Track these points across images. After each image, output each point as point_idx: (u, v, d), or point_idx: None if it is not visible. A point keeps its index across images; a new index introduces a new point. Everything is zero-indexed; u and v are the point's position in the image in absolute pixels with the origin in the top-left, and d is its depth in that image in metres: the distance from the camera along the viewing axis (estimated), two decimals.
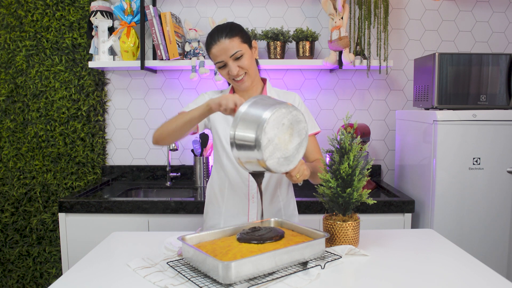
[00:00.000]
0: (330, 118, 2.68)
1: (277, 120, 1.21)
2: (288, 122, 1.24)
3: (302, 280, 1.13)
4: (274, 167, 1.23)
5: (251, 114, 1.21)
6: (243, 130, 1.21)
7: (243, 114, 1.23)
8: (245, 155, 1.22)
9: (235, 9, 2.63)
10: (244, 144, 1.21)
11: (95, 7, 2.46)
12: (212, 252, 1.18)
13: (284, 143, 1.25)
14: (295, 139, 1.27)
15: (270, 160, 1.21)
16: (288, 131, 1.25)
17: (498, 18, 2.65)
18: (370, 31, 2.43)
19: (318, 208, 2.12)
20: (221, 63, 1.52)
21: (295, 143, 1.28)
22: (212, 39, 1.51)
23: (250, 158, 1.22)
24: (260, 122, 1.18)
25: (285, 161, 1.27)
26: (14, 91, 2.64)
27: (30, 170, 2.67)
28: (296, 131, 1.27)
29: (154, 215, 2.14)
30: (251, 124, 1.20)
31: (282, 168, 1.27)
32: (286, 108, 1.23)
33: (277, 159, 1.23)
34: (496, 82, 2.13)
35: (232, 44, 1.49)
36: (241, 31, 1.54)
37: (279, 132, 1.22)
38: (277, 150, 1.23)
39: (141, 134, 2.71)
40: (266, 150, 1.19)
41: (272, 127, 1.20)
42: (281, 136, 1.23)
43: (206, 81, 2.66)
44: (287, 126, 1.24)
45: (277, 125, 1.21)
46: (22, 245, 2.69)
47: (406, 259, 1.31)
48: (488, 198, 2.07)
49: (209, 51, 1.54)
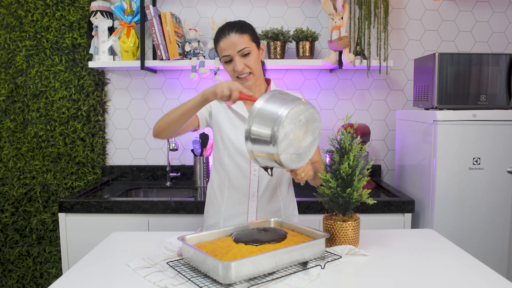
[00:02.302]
0: (330, 118, 2.68)
1: (295, 116, 1.21)
2: (305, 119, 1.24)
3: (302, 280, 1.13)
4: (286, 162, 1.23)
5: (268, 108, 1.21)
6: (259, 124, 1.21)
7: (260, 109, 1.22)
8: (259, 148, 1.22)
9: (235, 9, 2.63)
10: (260, 138, 1.21)
11: (95, 7, 2.46)
12: (212, 252, 1.18)
13: (298, 140, 1.24)
14: (309, 136, 1.27)
15: (283, 155, 1.21)
16: (303, 128, 1.25)
17: (498, 18, 2.65)
18: (370, 31, 2.43)
19: (318, 208, 2.12)
20: (228, 57, 1.52)
21: (309, 141, 1.28)
22: (222, 33, 1.52)
23: (264, 152, 1.22)
24: (278, 115, 1.18)
25: (297, 158, 1.26)
26: (14, 91, 2.64)
27: (30, 170, 2.67)
28: (311, 129, 1.27)
29: (154, 215, 2.14)
30: (268, 117, 1.20)
31: (293, 164, 1.26)
32: (305, 105, 1.23)
33: (290, 154, 1.23)
34: (496, 82, 2.13)
35: (241, 39, 1.50)
36: (252, 30, 1.56)
37: (295, 127, 1.22)
38: (291, 145, 1.23)
39: (141, 134, 2.71)
40: (282, 144, 1.19)
41: (290, 122, 1.20)
42: (297, 132, 1.23)
43: (206, 81, 2.66)
44: (303, 122, 1.24)
45: (294, 120, 1.21)
46: (22, 245, 2.69)
47: (406, 259, 1.31)
48: (488, 198, 2.07)
49: (217, 44, 1.55)
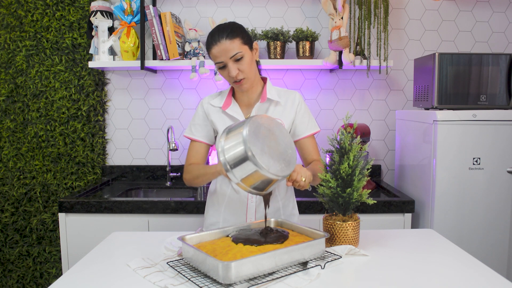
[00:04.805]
0: (330, 118, 2.68)
1: (254, 133, 1.23)
2: (266, 130, 1.28)
3: (302, 280, 1.13)
4: (279, 172, 1.24)
5: (230, 145, 1.24)
6: (234, 159, 1.23)
7: (225, 149, 1.25)
8: (248, 176, 1.24)
9: (235, 9, 2.63)
10: (244, 171, 1.23)
11: (95, 7, 2.46)
12: (212, 252, 1.18)
13: (273, 147, 1.27)
14: (278, 136, 1.31)
15: (272, 168, 1.23)
16: (271, 136, 1.28)
17: (498, 18, 2.65)
18: (370, 31, 2.43)
19: (318, 208, 2.12)
20: (221, 64, 1.51)
21: (281, 138, 1.31)
22: (212, 39, 1.50)
23: (255, 177, 1.23)
24: (241, 142, 1.21)
25: (283, 162, 1.28)
26: (14, 91, 2.64)
27: (30, 170, 2.67)
28: (275, 129, 1.31)
29: (154, 215, 2.14)
30: (236, 148, 1.23)
31: (287, 170, 1.28)
32: (253, 122, 1.26)
33: (277, 163, 1.25)
34: (496, 82, 2.13)
35: (232, 45, 1.48)
36: (243, 32, 1.53)
37: (263, 140, 1.25)
38: (272, 155, 1.25)
39: (141, 134, 2.71)
40: (264, 160, 1.21)
41: (255, 141, 1.22)
42: (268, 143, 1.26)
43: (206, 81, 2.66)
44: (266, 133, 1.27)
45: (256, 136, 1.23)
46: (22, 245, 2.69)
47: (406, 259, 1.31)
48: (488, 198, 2.07)
49: (209, 51, 1.53)
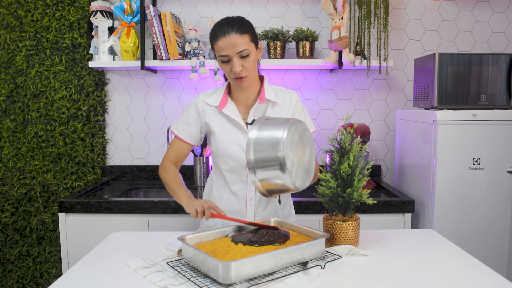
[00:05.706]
0: (330, 118, 2.68)
1: (291, 142, 1.20)
2: (298, 137, 1.24)
3: (302, 280, 1.13)
4: (300, 185, 1.23)
5: (264, 143, 1.19)
6: (263, 161, 1.19)
7: (256, 143, 1.20)
8: (270, 182, 1.21)
9: (235, 9, 2.63)
10: (269, 176, 1.19)
11: (95, 7, 2.46)
12: (212, 252, 1.18)
13: (301, 159, 1.24)
14: (307, 150, 1.27)
15: (298, 181, 1.21)
16: (300, 146, 1.24)
17: (498, 18, 2.65)
18: (370, 31, 2.42)
19: (318, 208, 2.12)
20: (225, 58, 1.44)
21: (308, 153, 1.27)
22: (221, 30, 1.42)
23: (277, 185, 1.21)
24: (278, 148, 1.16)
25: (306, 175, 1.26)
26: (14, 91, 2.64)
27: (30, 170, 2.67)
28: (305, 141, 1.27)
29: (154, 215, 2.14)
30: (269, 151, 1.18)
31: (306, 183, 1.26)
32: (293, 124, 1.22)
33: (301, 176, 1.23)
34: (496, 82, 2.13)
35: (241, 40, 1.42)
36: (252, 29, 1.48)
37: (295, 150, 1.21)
38: (299, 168, 1.22)
39: (141, 134, 2.71)
40: (293, 173, 1.18)
41: (290, 149, 1.19)
42: (297, 153, 1.22)
43: (206, 81, 2.66)
44: (298, 141, 1.23)
45: (292, 144, 1.20)
46: (22, 245, 2.69)
47: (406, 259, 1.31)
48: (488, 198, 2.07)
49: (214, 42, 1.44)
